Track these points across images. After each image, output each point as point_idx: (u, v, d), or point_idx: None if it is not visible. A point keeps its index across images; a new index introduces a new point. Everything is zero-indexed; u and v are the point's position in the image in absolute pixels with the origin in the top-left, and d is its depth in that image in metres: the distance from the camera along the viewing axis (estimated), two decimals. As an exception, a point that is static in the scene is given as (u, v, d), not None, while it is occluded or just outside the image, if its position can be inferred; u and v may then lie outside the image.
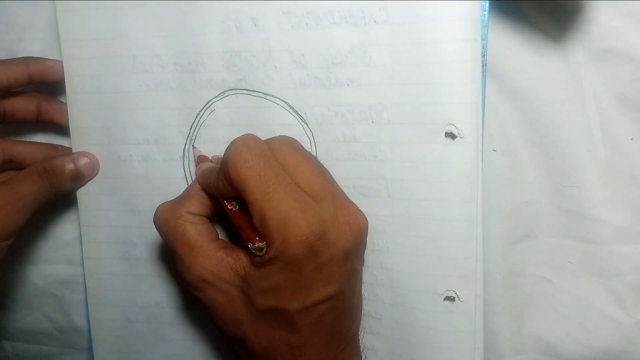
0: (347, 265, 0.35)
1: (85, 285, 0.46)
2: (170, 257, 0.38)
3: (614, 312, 0.41)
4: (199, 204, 0.37)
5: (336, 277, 0.35)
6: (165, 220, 0.37)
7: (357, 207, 0.36)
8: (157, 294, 0.45)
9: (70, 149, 0.44)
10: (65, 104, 0.43)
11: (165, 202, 0.38)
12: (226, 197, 0.36)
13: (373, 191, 0.39)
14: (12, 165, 0.43)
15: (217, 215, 0.39)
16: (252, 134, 0.35)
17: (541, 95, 0.39)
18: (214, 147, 0.41)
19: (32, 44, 0.44)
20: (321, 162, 0.39)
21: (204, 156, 0.41)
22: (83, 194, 0.44)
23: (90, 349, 0.47)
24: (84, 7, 0.41)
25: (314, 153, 0.40)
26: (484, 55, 0.38)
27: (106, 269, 0.45)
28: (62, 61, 0.42)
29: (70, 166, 0.42)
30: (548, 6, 0.38)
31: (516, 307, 0.42)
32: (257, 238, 0.33)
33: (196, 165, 0.41)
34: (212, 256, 0.35)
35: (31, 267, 0.48)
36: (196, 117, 0.41)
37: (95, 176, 0.44)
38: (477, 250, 0.38)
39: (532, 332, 0.42)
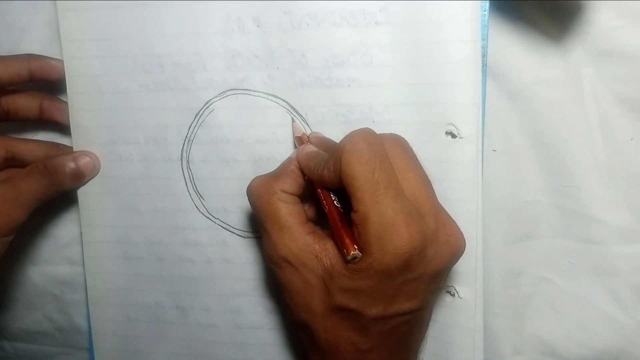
0: (434, 284, 0.34)
1: (86, 285, 0.46)
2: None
3: (614, 312, 0.41)
4: (293, 182, 0.36)
5: (421, 294, 0.34)
6: (259, 194, 0.36)
7: (458, 227, 0.35)
8: (157, 293, 0.45)
9: (71, 148, 0.44)
10: (67, 103, 0.43)
11: (261, 175, 0.37)
12: (324, 186, 0.35)
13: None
14: (14, 162, 0.43)
15: (306, 195, 0.38)
16: (370, 129, 0.34)
17: (541, 95, 0.39)
18: (213, 147, 0.41)
19: (32, 44, 0.44)
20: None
21: (304, 135, 0.39)
22: (84, 194, 0.44)
23: (90, 349, 0.47)
24: (85, 7, 0.41)
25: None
26: (484, 55, 0.38)
27: (107, 269, 0.45)
28: (62, 60, 0.42)
29: (71, 165, 0.42)
30: (548, 6, 0.38)
31: (516, 307, 0.42)
32: (354, 247, 0.32)
33: (295, 142, 0.40)
34: (299, 239, 0.35)
35: (31, 266, 0.48)
36: (195, 117, 0.41)
37: (96, 175, 0.44)
38: (477, 250, 0.38)
39: (532, 332, 0.42)
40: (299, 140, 0.39)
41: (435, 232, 0.33)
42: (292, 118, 0.40)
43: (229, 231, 0.43)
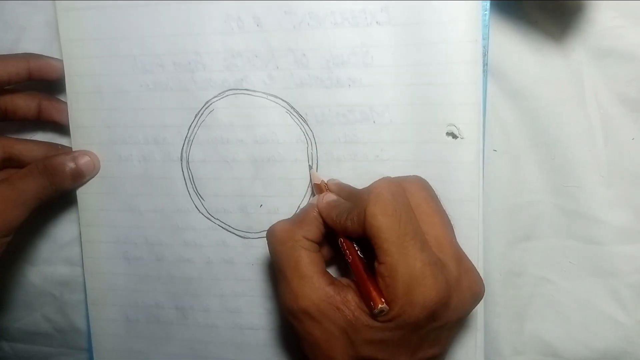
0: (456, 328, 0.35)
1: (85, 285, 0.46)
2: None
3: (614, 312, 0.41)
4: (316, 229, 0.36)
5: (444, 340, 0.34)
6: (283, 240, 0.36)
7: (477, 272, 0.35)
8: (156, 294, 0.45)
9: (70, 148, 0.43)
10: (66, 103, 0.43)
11: (283, 220, 0.37)
12: (347, 236, 0.35)
13: (375, 192, 0.39)
14: (12, 163, 0.43)
15: (324, 240, 0.38)
16: (391, 178, 0.35)
17: (542, 95, 0.39)
18: (212, 147, 0.41)
19: (31, 43, 0.44)
20: (322, 163, 0.39)
21: (323, 183, 0.39)
22: (83, 194, 0.44)
23: (89, 349, 0.47)
24: (85, 7, 0.41)
25: (314, 154, 0.40)
26: (485, 55, 0.38)
27: (106, 269, 0.45)
28: (62, 60, 0.42)
29: (71, 165, 0.42)
30: (549, 6, 0.38)
31: (516, 307, 0.42)
32: (382, 300, 0.32)
33: (314, 189, 0.40)
34: (320, 290, 0.34)
35: (30, 267, 0.48)
36: (195, 117, 0.41)
37: (95, 175, 0.44)
38: (478, 250, 0.38)
39: (532, 332, 0.42)
40: (318, 188, 0.39)
41: (458, 280, 0.33)
42: (309, 165, 0.40)
43: (229, 231, 0.43)
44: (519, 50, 0.39)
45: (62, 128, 0.44)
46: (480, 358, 0.39)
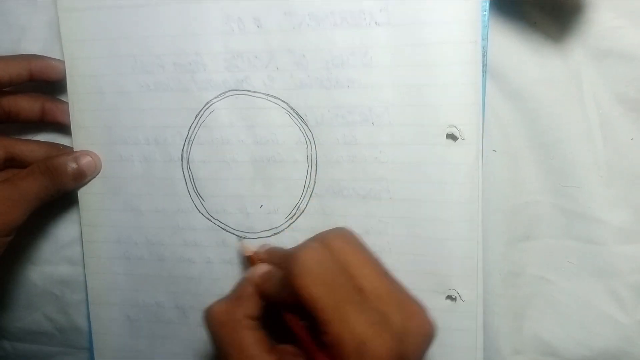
0: None
1: (86, 285, 0.46)
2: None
3: (614, 312, 0.41)
4: (255, 306, 0.35)
5: None
6: (222, 322, 0.34)
7: (424, 309, 0.33)
8: (157, 293, 0.45)
9: (71, 148, 0.44)
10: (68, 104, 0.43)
11: (219, 301, 0.36)
12: (289, 304, 0.34)
13: (374, 193, 0.39)
14: (14, 163, 0.43)
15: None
16: (314, 243, 0.33)
17: (541, 96, 0.39)
18: (213, 148, 0.41)
19: (32, 43, 0.44)
20: (322, 164, 0.39)
21: (255, 255, 0.39)
22: (84, 194, 0.44)
23: (90, 349, 0.47)
24: (86, 7, 0.41)
25: (314, 155, 0.40)
26: (484, 55, 0.38)
27: (107, 269, 0.45)
28: (63, 61, 0.42)
29: (72, 165, 0.42)
30: (548, 6, 0.38)
31: (516, 307, 0.42)
32: None
33: (245, 261, 0.40)
34: None
35: (32, 267, 0.48)
36: (195, 117, 0.41)
37: (96, 175, 0.44)
38: (478, 250, 0.38)
39: (532, 332, 0.42)
40: (250, 261, 0.39)
41: (404, 327, 0.31)
42: (238, 237, 0.41)
43: (229, 232, 0.43)
44: (519, 51, 0.39)
45: (64, 129, 0.45)
46: (480, 357, 0.39)
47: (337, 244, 0.33)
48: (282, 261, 0.35)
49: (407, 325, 0.32)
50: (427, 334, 0.33)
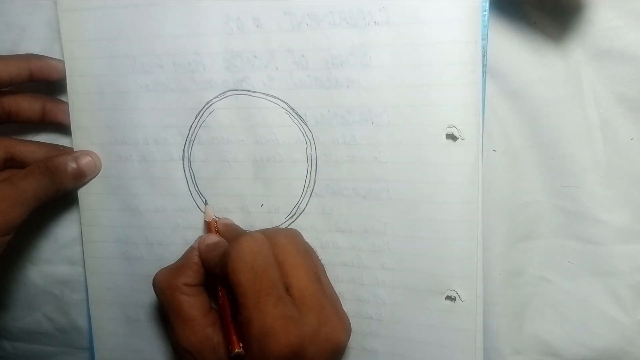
0: None
1: (86, 285, 0.46)
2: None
3: (614, 312, 0.41)
4: (195, 274, 0.39)
5: None
6: (162, 289, 0.38)
7: (342, 321, 0.37)
8: (157, 293, 0.45)
9: (71, 149, 0.44)
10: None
11: (163, 269, 0.39)
12: (222, 278, 0.37)
13: (373, 193, 0.39)
14: (14, 164, 0.43)
15: (209, 282, 0.40)
16: (259, 235, 0.36)
17: (541, 95, 0.39)
18: (213, 147, 0.41)
19: (32, 44, 0.44)
20: (321, 164, 0.39)
21: (213, 222, 0.41)
22: (84, 194, 0.44)
23: (90, 349, 0.47)
24: (85, 7, 0.41)
25: (313, 155, 0.40)
26: (484, 55, 0.38)
27: (107, 268, 0.45)
28: (63, 61, 0.42)
29: (72, 164, 0.42)
30: (548, 6, 0.38)
31: (516, 307, 0.42)
32: (239, 345, 0.35)
33: (204, 226, 0.42)
34: (199, 332, 0.37)
35: (31, 266, 0.48)
36: (195, 117, 0.41)
37: (96, 175, 0.44)
38: (478, 251, 0.38)
39: (532, 332, 0.42)
40: (208, 227, 0.41)
41: (315, 332, 0.35)
42: (206, 201, 0.42)
43: (230, 231, 0.43)
44: (518, 51, 0.39)
45: (64, 129, 0.45)
46: (479, 358, 0.39)
47: (282, 241, 0.37)
48: (230, 240, 0.38)
49: (319, 330, 0.35)
50: (335, 343, 0.36)
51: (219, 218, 0.42)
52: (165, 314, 0.39)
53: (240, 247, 0.35)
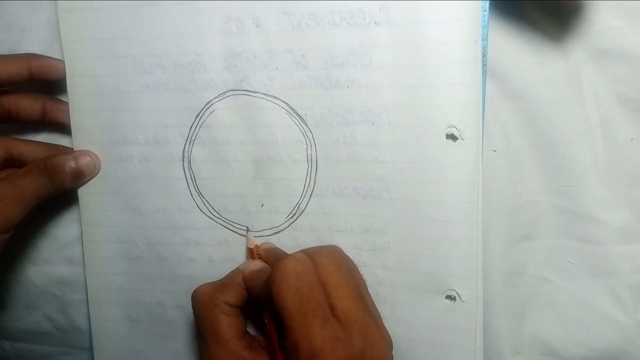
0: None
1: (86, 285, 0.46)
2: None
3: (614, 312, 0.41)
4: (237, 295, 0.38)
5: None
6: (203, 303, 0.38)
7: (385, 339, 0.37)
8: (158, 293, 0.45)
9: (71, 148, 0.44)
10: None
11: (206, 284, 0.39)
12: (266, 303, 0.37)
13: (374, 192, 0.39)
14: (14, 163, 0.43)
15: (248, 305, 0.40)
16: (301, 255, 0.36)
17: (541, 96, 0.39)
18: (214, 147, 0.41)
19: (32, 44, 0.44)
20: (322, 164, 0.40)
21: (255, 247, 0.41)
22: (84, 194, 0.44)
23: (90, 349, 0.47)
24: (85, 7, 0.41)
25: (313, 155, 0.40)
26: (484, 55, 0.38)
27: (107, 269, 0.45)
28: (63, 60, 0.42)
29: (71, 164, 0.42)
30: (548, 6, 0.38)
31: (516, 307, 0.42)
32: None
33: (247, 253, 0.42)
34: (236, 354, 0.37)
35: (31, 266, 0.48)
36: (196, 117, 0.41)
37: (96, 175, 0.44)
38: (478, 251, 0.38)
39: (532, 332, 0.42)
40: (250, 253, 0.41)
41: (362, 352, 0.34)
42: (247, 228, 0.42)
43: (231, 230, 0.43)
44: (518, 51, 0.39)
45: (65, 129, 0.45)
46: (479, 358, 0.39)
47: (323, 261, 0.36)
48: (273, 264, 0.38)
49: (366, 351, 0.35)
50: None
51: (259, 244, 0.42)
52: (200, 332, 0.38)
53: (284, 269, 0.34)
